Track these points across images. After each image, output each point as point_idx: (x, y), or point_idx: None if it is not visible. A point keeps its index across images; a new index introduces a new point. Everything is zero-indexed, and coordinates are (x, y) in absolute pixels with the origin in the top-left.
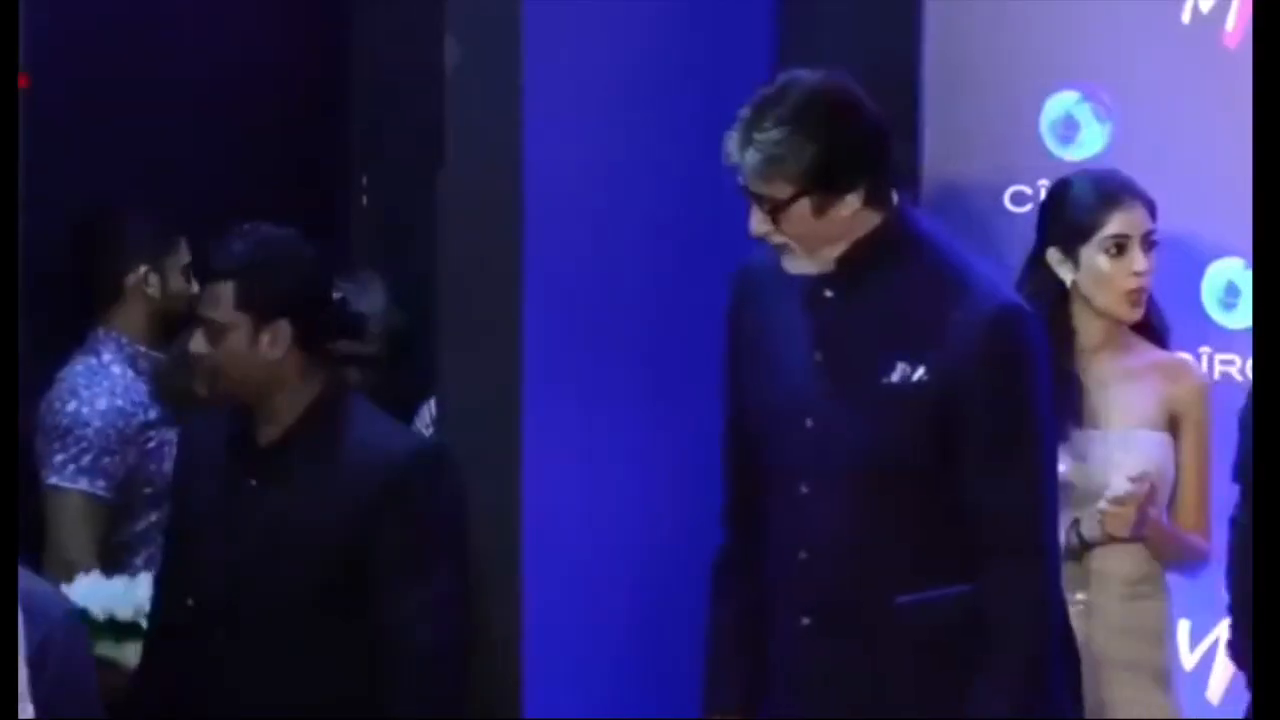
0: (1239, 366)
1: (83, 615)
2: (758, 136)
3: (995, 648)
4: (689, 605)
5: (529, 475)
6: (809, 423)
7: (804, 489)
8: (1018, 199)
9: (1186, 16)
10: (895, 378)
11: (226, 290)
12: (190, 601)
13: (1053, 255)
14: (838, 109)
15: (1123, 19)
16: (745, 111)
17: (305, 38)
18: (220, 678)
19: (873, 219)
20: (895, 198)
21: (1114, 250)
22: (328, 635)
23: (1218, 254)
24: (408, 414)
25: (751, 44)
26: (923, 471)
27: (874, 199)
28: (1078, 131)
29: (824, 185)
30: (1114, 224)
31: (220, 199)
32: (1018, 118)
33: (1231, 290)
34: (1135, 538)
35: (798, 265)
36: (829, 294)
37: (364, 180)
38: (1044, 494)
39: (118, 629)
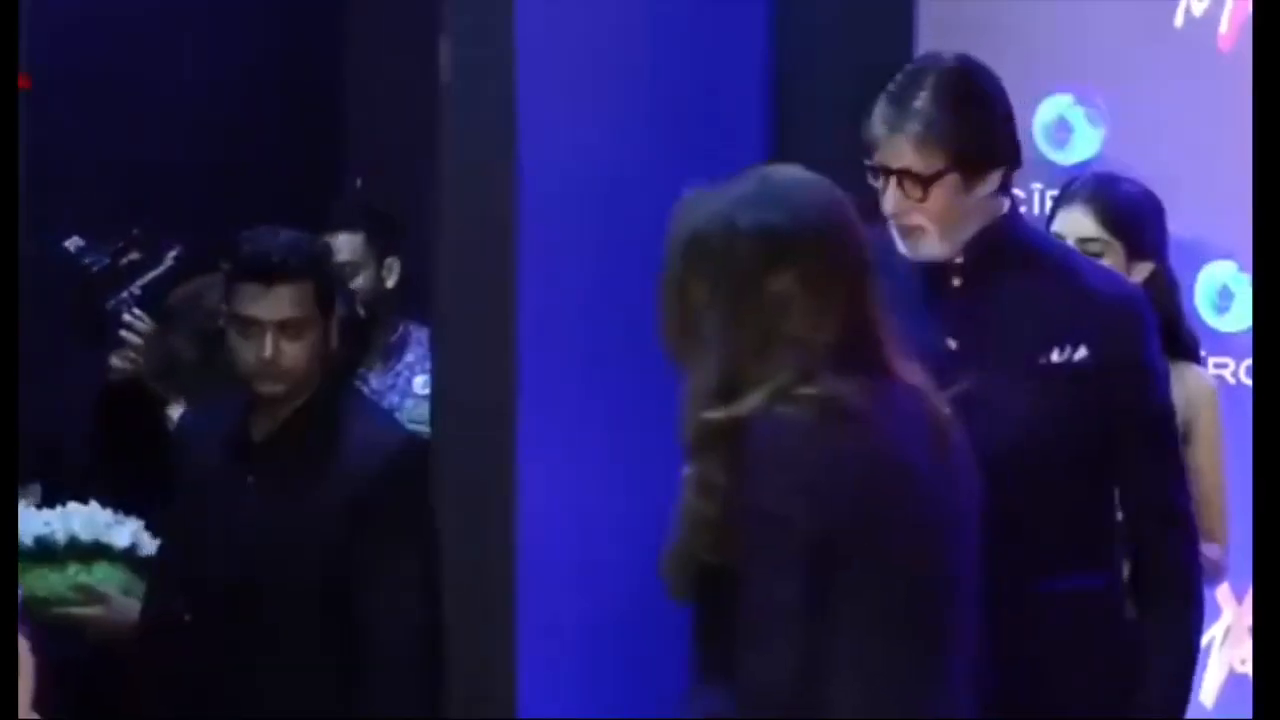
0: (1232, 369)
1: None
2: (916, 106)
3: (1156, 641)
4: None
5: (525, 475)
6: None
7: None
8: None
9: (1179, 20)
10: (1056, 358)
11: (304, 289)
12: (190, 598)
13: None
14: (983, 87)
15: (1116, 22)
16: (893, 86)
17: (301, 43)
18: (221, 670)
19: (1001, 206)
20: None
21: None
22: (327, 627)
23: (1210, 257)
24: None
25: (746, 49)
26: (1075, 453)
27: (1006, 184)
28: (1071, 134)
29: (974, 160)
30: (1056, 223)
31: (216, 202)
32: None
33: (1224, 294)
34: None
35: (928, 249)
36: (957, 281)
37: (358, 184)
38: (1186, 477)
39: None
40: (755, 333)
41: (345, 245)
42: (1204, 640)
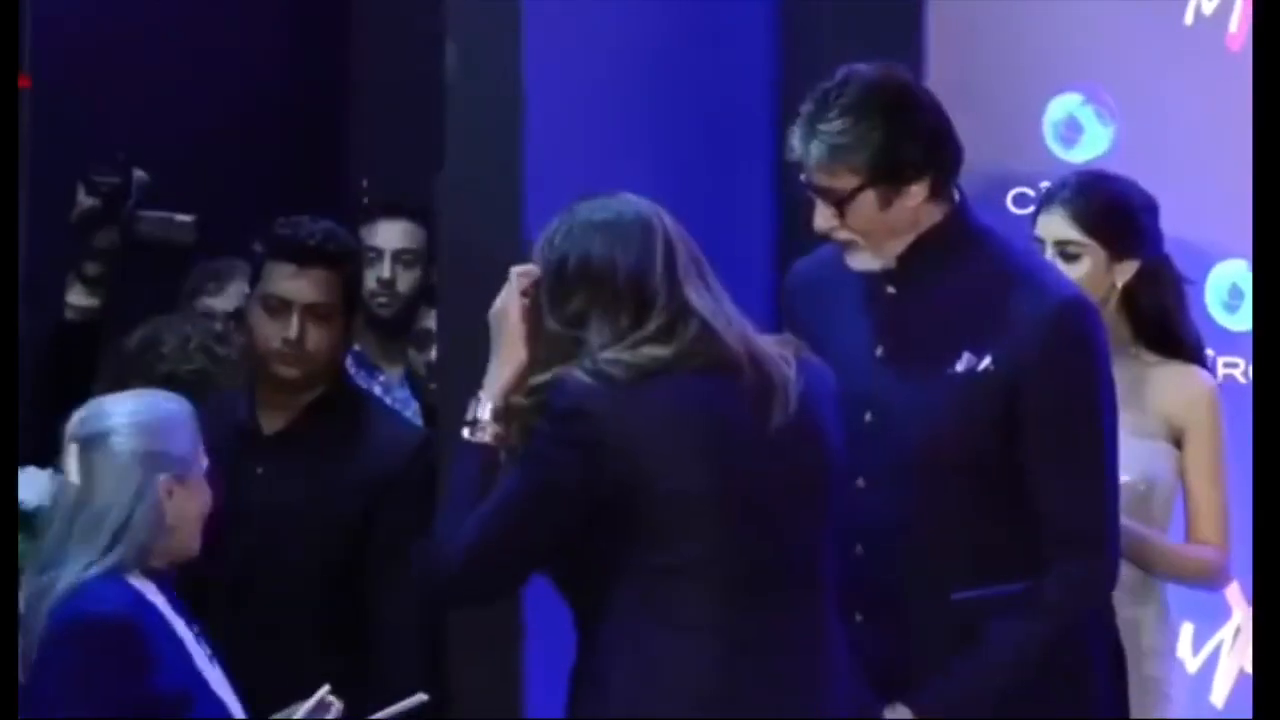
0: (1242, 369)
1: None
2: (821, 128)
3: (1054, 643)
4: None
5: None
6: (868, 416)
7: (860, 483)
8: (1020, 201)
9: (1189, 18)
10: (961, 367)
11: (336, 277)
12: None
13: None
14: (900, 99)
15: (1126, 21)
16: (807, 105)
17: (306, 42)
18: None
19: (936, 213)
20: (958, 195)
21: (1039, 250)
22: (329, 617)
23: (1221, 256)
24: None
25: (754, 49)
26: (985, 463)
27: (937, 192)
28: (1081, 133)
29: (888, 175)
30: (1037, 226)
31: (220, 202)
32: (1021, 120)
33: (1235, 293)
34: None
35: (862, 261)
36: (891, 290)
37: (364, 183)
38: (1110, 490)
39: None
40: (560, 338)
41: (409, 233)
42: (1212, 642)
